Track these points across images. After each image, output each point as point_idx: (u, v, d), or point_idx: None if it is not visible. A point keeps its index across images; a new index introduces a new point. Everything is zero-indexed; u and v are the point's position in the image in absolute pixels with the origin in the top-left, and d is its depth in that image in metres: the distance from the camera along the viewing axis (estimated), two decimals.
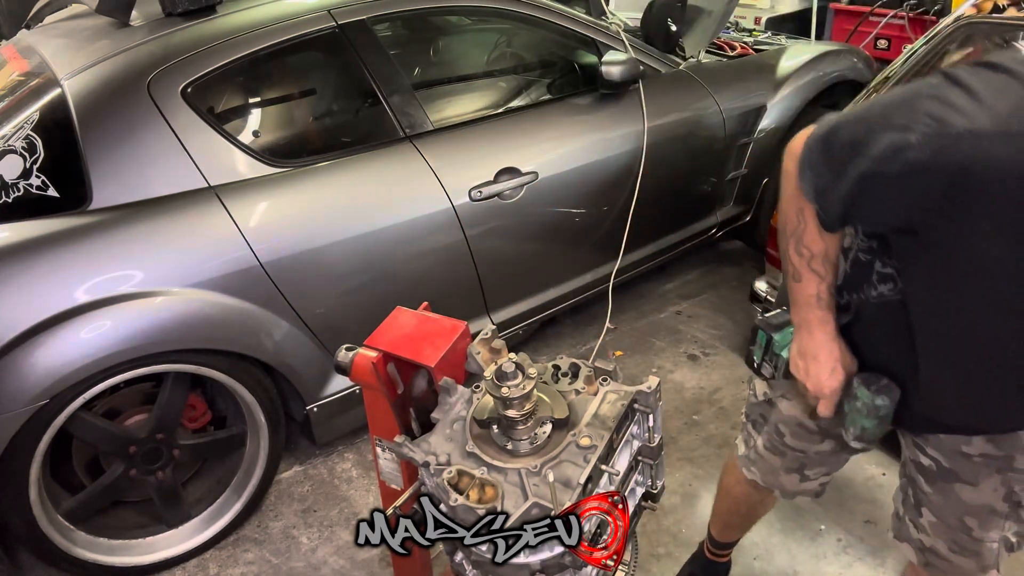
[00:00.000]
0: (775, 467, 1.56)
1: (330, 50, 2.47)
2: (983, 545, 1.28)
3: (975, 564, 1.30)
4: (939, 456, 1.29)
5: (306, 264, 2.15)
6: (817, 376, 1.24)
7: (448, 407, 1.25)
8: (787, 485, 1.57)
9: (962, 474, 1.26)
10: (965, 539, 1.29)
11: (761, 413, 1.56)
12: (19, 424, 1.82)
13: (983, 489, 1.25)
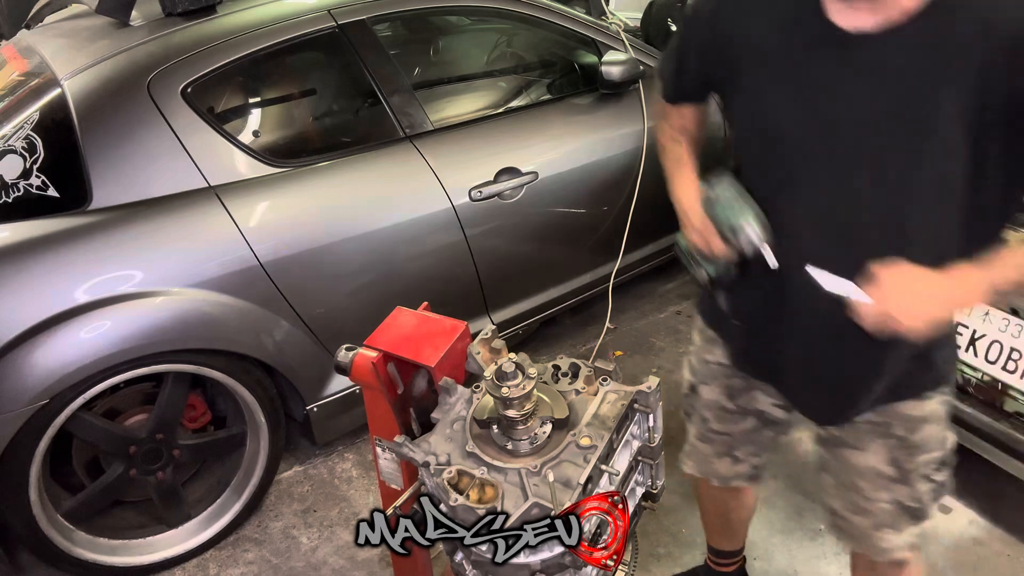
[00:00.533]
0: (707, 455, 1.60)
1: (330, 50, 2.48)
2: (875, 505, 1.36)
3: (870, 523, 1.38)
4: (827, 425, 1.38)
5: (306, 264, 2.15)
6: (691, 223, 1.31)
7: (448, 407, 1.25)
8: (721, 470, 1.60)
9: (849, 439, 1.35)
10: (858, 499, 1.37)
11: (691, 404, 1.60)
12: (19, 424, 1.82)
13: (868, 453, 1.33)
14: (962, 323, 2.03)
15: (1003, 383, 1.96)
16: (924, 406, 1.29)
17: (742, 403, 1.49)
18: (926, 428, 1.30)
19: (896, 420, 1.29)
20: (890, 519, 1.36)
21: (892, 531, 1.37)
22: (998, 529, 2.14)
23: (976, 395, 2.03)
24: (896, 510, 1.36)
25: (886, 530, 1.38)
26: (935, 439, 1.31)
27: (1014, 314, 1.93)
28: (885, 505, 1.35)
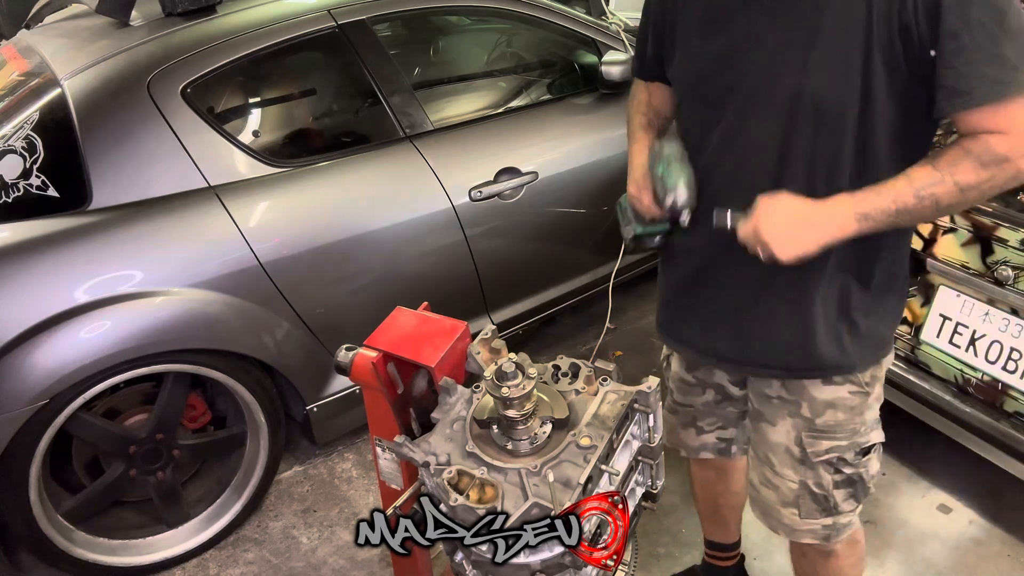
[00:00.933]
0: (674, 426, 1.66)
1: (330, 50, 2.48)
2: (782, 481, 1.42)
3: (776, 497, 1.44)
4: (753, 399, 1.45)
5: (306, 264, 2.15)
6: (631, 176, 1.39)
7: (448, 407, 1.25)
8: (688, 441, 1.66)
9: (766, 414, 1.41)
10: (769, 473, 1.44)
11: (665, 376, 1.65)
12: (19, 424, 1.82)
13: (779, 430, 1.39)
14: (962, 323, 2.04)
15: (1003, 383, 1.96)
16: (832, 391, 1.33)
17: (700, 376, 1.55)
18: (831, 414, 1.34)
19: (804, 400, 1.34)
20: (794, 498, 1.42)
21: (795, 511, 1.43)
22: (998, 529, 2.14)
23: (976, 395, 2.04)
24: (801, 491, 1.40)
25: (791, 508, 1.43)
26: (843, 428, 1.35)
27: (1014, 314, 1.93)
28: (791, 484, 1.41)
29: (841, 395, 1.33)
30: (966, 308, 2.03)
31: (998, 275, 1.91)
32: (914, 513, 2.22)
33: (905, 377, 2.17)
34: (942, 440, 2.14)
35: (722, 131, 1.24)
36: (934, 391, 2.11)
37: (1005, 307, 1.94)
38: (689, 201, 1.27)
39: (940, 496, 2.27)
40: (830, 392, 1.33)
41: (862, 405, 1.35)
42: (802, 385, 1.34)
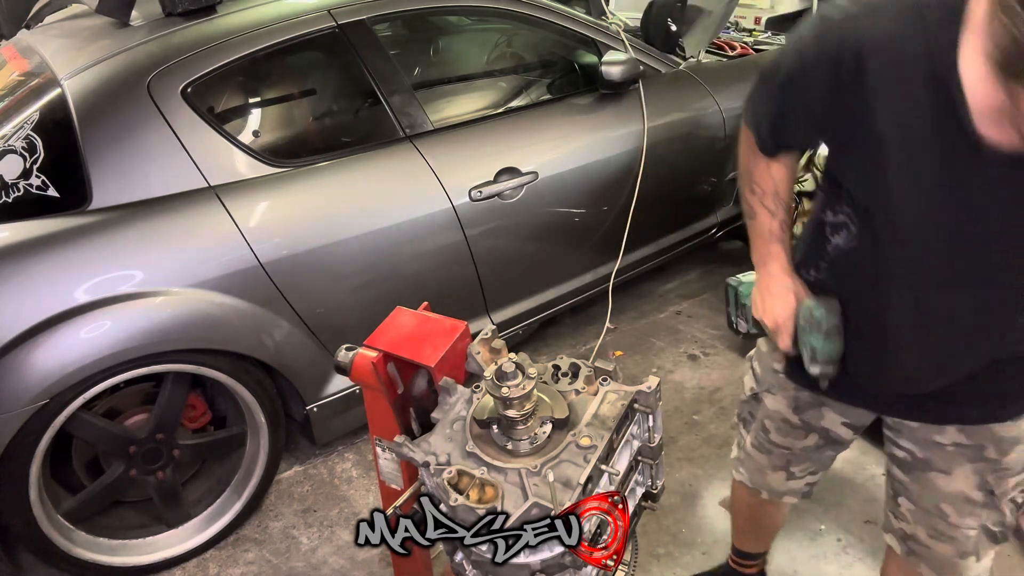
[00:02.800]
0: (762, 466, 1.56)
1: (330, 50, 2.48)
2: (959, 531, 1.30)
3: (953, 550, 1.32)
4: (913, 447, 1.31)
5: (306, 264, 2.15)
6: (772, 307, 1.28)
7: (448, 407, 1.25)
8: (774, 484, 1.57)
9: (936, 463, 1.28)
10: (942, 525, 1.31)
11: (749, 411, 1.56)
12: (19, 424, 1.82)
13: (956, 477, 1.27)
14: None
15: None
16: (1018, 426, 1.23)
17: (807, 418, 1.44)
18: (1017, 449, 1.24)
19: (989, 442, 1.23)
20: (974, 546, 1.32)
21: (975, 558, 1.33)
22: None
23: None
24: (981, 535, 1.31)
25: (970, 558, 1.33)
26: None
27: None
28: (971, 532, 1.30)
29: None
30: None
31: None
32: None
33: None
34: None
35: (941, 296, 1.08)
36: None
37: None
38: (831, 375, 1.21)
39: None
40: (1016, 428, 1.22)
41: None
42: (986, 427, 1.23)
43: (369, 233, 2.24)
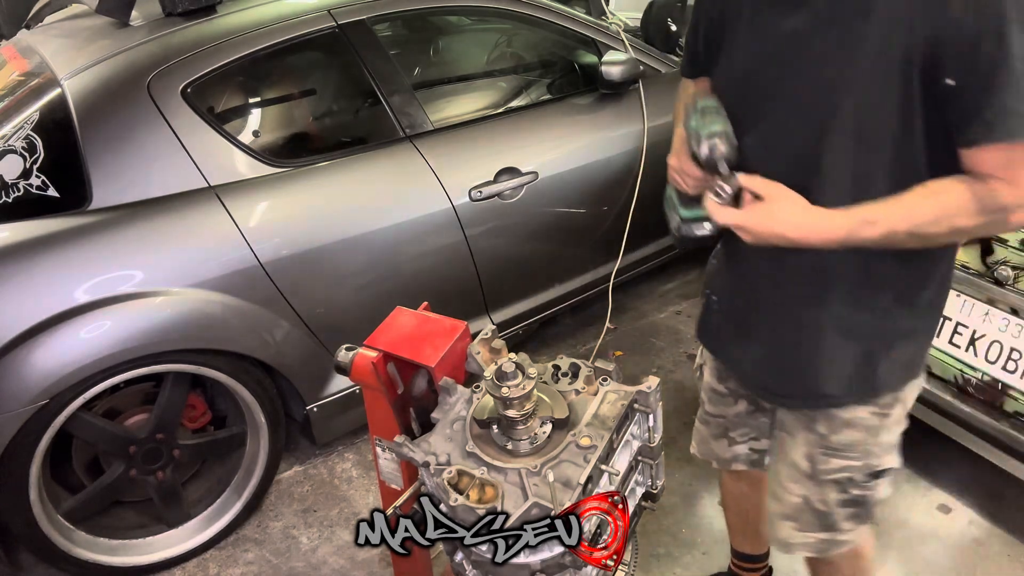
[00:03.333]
0: (705, 436, 1.63)
1: (330, 50, 2.48)
2: (786, 495, 1.40)
3: (777, 509, 1.43)
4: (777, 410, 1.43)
5: (306, 264, 2.15)
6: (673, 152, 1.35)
7: (448, 407, 1.25)
8: (719, 451, 1.63)
9: (787, 424, 1.38)
10: (776, 485, 1.43)
11: (699, 385, 1.63)
12: (19, 424, 1.82)
13: (796, 442, 1.36)
14: (962, 323, 2.04)
15: (1003, 383, 1.96)
16: (851, 411, 1.29)
17: (732, 386, 1.52)
18: (848, 432, 1.30)
19: (821, 416, 1.31)
20: (794, 513, 1.39)
21: (793, 524, 1.40)
22: (998, 529, 2.14)
23: (976, 395, 2.04)
24: (803, 506, 1.38)
25: (788, 522, 1.41)
26: (857, 448, 1.31)
27: (1014, 314, 1.93)
28: (794, 498, 1.39)
29: (862, 416, 1.29)
30: (966, 308, 2.03)
31: (998, 275, 1.91)
32: (914, 513, 2.22)
33: None
34: (942, 440, 2.14)
35: (758, 138, 1.20)
36: (934, 391, 2.11)
37: (1005, 307, 1.94)
38: (728, 152, 1.17)
39: (940, 496, 2.27)
40: (850, 412, 1.29)
41: (880, 426, 1.31)
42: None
43: (369, 233, 2.24)
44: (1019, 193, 1.03)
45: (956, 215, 1.05)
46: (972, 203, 1.04)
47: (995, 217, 1.04)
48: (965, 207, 1.04)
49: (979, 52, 0.98)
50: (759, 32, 1.18)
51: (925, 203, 1.06)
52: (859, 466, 1.32)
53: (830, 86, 1.09)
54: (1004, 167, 1.02)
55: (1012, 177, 1.02)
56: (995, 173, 1.02)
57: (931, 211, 1.06)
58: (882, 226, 1.07)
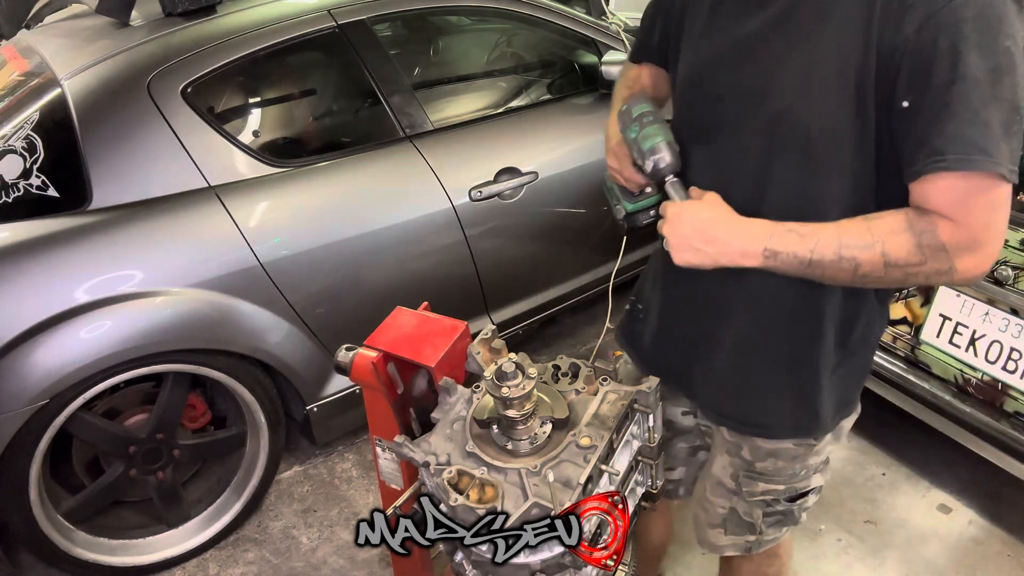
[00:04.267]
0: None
1: (330, 50, 2.48)
2: (712, 506, 1.41)
3: (704, 518, 1.45)
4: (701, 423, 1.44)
5: (306, 264, 2.15)
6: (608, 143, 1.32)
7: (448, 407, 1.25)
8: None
9: (715, 442, 1.38)
10: (702, 494, 1.44)
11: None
12: (19, 424, 1.82)
13: (718, 462, 1.36)
14: (962, 323, 2.04)
15: (1003, 383, 1.96)
16: (775, 442, 1.27)
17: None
18: (771, 461, 1.29)
19: (746, 444, 1.30)
20: (720, 520, 1.41)
21: (721, 531, 1.42)
22: (998, 529, 2.14)
23: (976, 395, 2.04)
24: (729, 515, 1.39)
25: (716, 529, 1.42)
26: (783, 474, 1.30)
27: (1014, 314, 1.93)
28: (720, 510, 1.40)
29: (785, 447, 1.27)
30: (966, 308, 2.03)
31: (998, 275, 1.91)
32: (914, 513, 2.22)
33: (905, 377, 2.17)
34: (942, 440, 2.14)
35: (707, 147, 1.15)
36: (934, 391, 2.11)
37: (1005, 307, 1.94)
38: (673, 163, 1.15)
39: (940, 496, 2.27)
40: (774, 443, 1.27)
41: (807, 455, 1.28)
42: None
43: (369, 233, 2.24)
44: (963, 234, 0.93)
45: (888, 242, 0.96)
46: (907, 234, 0.96)
47: (935, 257, 0.95)
48: (898, 236, 0.96)
49: (933, 74, 0.91)
50: (714, 35, 1.13)
51: (855, 225, 0.99)
52: (783, 489, 1.32)
53: (782, 95, 1.03)
54: (952, 202, 0.93)
55: (958, 215, 0.93)
56: (941, 209, 0.94)
57: (861, 233, 0.98)
58: (808, 240, 0.99)
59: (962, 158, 0.91)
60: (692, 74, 1.17)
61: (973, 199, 0.93)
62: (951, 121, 0.91)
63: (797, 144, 1.03)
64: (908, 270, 0.97)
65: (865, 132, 1.00)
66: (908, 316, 2.18)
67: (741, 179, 1.10)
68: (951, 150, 0.91)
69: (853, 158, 1.02)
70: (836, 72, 0.98)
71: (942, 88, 0.91)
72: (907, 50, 0.93)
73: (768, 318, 1.18)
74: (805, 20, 1.01)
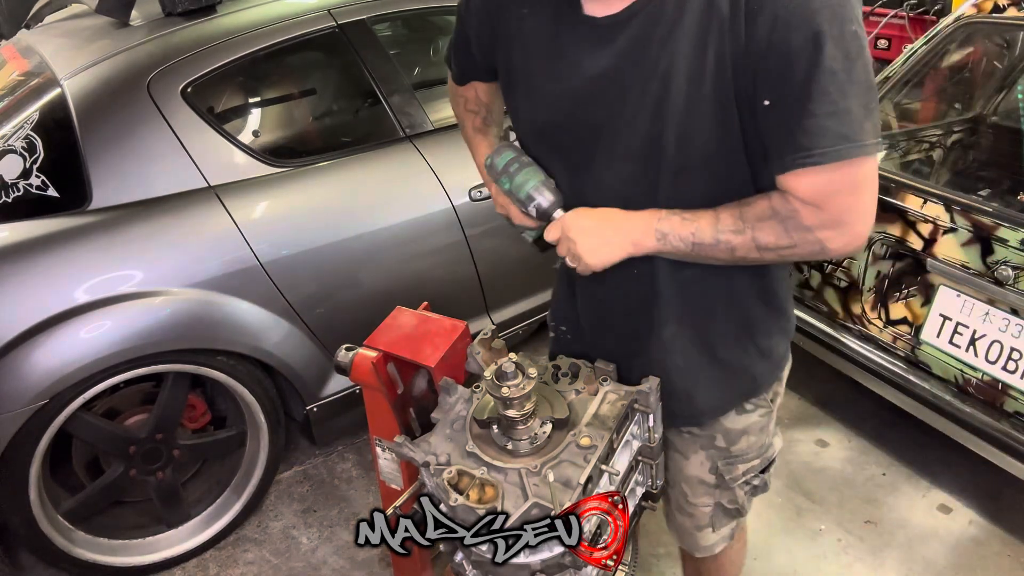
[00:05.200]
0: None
1: (330, 50, 2.48)
2: (696, 508, 1.42)
3: (692, 523, 1.45)
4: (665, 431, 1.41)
5: (306, 264, 2.15)
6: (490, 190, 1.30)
7: (448, 407, 1.25)
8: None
9: (676, 445, 1.38)
10: (682, 500, 1.43)
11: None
12: (19, 424, 1.82)
13: (692, 462, 1.37)
14: (962, 323, 2.04)
15: (1003, 383, 1.96)
16: (744, 419, 1.32)
17: None
18: (745, 439, 1.34)
19: (718, 432, 1.33)
20: (708, 520, 1.43)
21: (711, 530, 1.45)
22: (998, 529, 2.14)
23: (976, 395, 2.04)
24: (716, 511, 1.42)
25: (706, 530, 1.45)
26: (755, 448, 1.36)
27: (1014, 314, 1.93)
28: (706, 509, 1.41)
29: (754, 420, 1.33)
30: (966, 308, 2.03)
31: (998, 275, 1.91)
32: (914, 513, 2.22)
33: (905, 377, 2.17)
34: (942, 440, 2.14)
35: (582, 180, 1.16)
36: (934, 391, 2.11)
37: (1005, 307, 1.94)
38: (555, 200, 1.18)
39: (940, 496, 2.27)
40: (743, 420, 1.32)
41: (769, 419, 1.36)
42: (715, 420, 1.32)
43: (369, 233, 2.24)
44: (826, 217, 0.99)
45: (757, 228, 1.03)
46: (773, 220, 1.02)
47: (804, 239, 1.02)
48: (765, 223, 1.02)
49: (791, 71, 0.94)
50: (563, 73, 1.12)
51: (730, 211, 1.05)
52: (758, 463, 1.39)
53: (648, 121, 1.05)
54: (814, 193, 0.98)
55: (820, 201, 0.99)
56: (805, 199, 0.99)
57: (734, 219, 1.04)
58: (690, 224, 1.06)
59: (828, 151, 0.95)
60: (549, 114, 1.16)
61: (834, 187, 0.98)
62: (812, 116, 0.94)
63: (673, 164, 1.07)
64: (781, 252, 1.04)
65: (732, 139, 1.03)
66: (908, 316, 2.18)
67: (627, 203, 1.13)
68: (817, 145, 0.95)
69: (727, 164, 1.06)
70: (696, 91, 1.01)
71: (801, 83, 0.94)
72: (762, 51, 0.95)
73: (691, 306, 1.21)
74: (656, 46, 1.02)
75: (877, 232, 2.20)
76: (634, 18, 1.04)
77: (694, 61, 1.00)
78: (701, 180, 1.08)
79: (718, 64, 0.99)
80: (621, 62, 1.06)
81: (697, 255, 1.08)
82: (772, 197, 1.03)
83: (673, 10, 1.01)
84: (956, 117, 2.79)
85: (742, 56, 0.97)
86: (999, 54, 2.82)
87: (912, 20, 4.58)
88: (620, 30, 1.05)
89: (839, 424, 2.57)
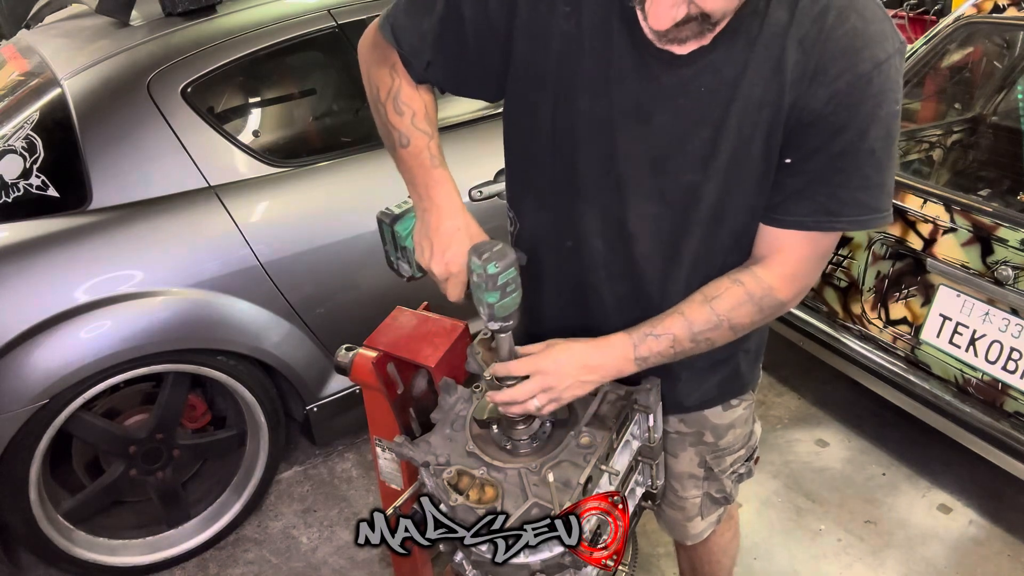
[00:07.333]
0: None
1: (330, 50, 2.47)
2: (686, 502, 1.45)
3: (682, 516, 1.48)
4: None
5: (306, 264, 2.15)
6: (441, 253, 1.11)
7: (448, 407, 1.25)
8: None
9: (666, 446, 1.39)
10: (672, 496, 1.46)
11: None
12: (19, 424, 1.83)
13: (682, 460, 1.40)
14: (962, 323, 2.04)
15: (1003, 383, 1.96)
16: (731, 414, 1.36)
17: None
18: (731, 433, 1.38)
19: (705, 428, 1.36)
20: (697, 510, 1.46)
21: (700, 518, 1.48)
22: (998, 529, 2.14)
23: (976, 395, 2.04)
24: (704, 501, 1.45)
25: (695, 519, 1.48)
26: (740, 439, 1.40)
27: (1014, 314, 1.93)
28: (695, 500, 1.44)
29: (739, 414, 1.36)
30: (966, 308, 2.03)
31: (998, 275, 1.91)
32: (914, 513, 2.22)
33: (905, 377, 2.17)
34: (942, 440, 2.14)
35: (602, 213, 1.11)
36: (934, 391, 2.11)
37: (1005, 307, 1.94)
38: (516, 323, 1.07)
39: (940, 496, 2.27)
40: (729, 416, 1.35)
41: (751, 410, 1.40)
42: (701, 415, 1.34)
43: (369, 233, 2.22)
44: (798, 286, 1.06)
45: (732, 317, 1.07)
46: (748, 304, 1.06)
47: (774, 311, 1.09)
48: (740, 309, 1.07)
49: (833, 144, 0.96)
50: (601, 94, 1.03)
51: (701, 311, 1.07)
52: (744, 453, 1.43)
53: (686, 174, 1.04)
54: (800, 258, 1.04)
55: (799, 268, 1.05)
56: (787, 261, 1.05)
57: (708, 316, 1.07)
58: (665, 339, 1.07)
59: (855, 220, 1.01)
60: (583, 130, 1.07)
61: (818, 254, 1.06)
62: (845, 188, 0.99)
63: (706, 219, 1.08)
64: (754, 327, 1.11)
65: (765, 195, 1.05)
66: (908, 316, 2.18)
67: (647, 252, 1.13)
68: (845, 214, 1.00)
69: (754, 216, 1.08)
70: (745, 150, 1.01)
71: (838, 155, 0.97)
72: (809, 120, 0.97)
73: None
74: (714, 96, 0.99)
75: (877, 232, 2.20)
76: (699, 61, 0.98)
77: (748, 120, 0.99)
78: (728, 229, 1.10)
79: (771, 125, 0.99)
80: (676, 104, 1.01)
81: (675, 358, 1.11)
82: (744, 283, 1.06)
83: (739, 63, 0.97)
84: (956, 117, 2.79)
85: (794, 121, 0.98)
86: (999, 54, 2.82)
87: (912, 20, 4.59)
88: (682, 66, 0.99)
89: (839, 424, 2.57)
